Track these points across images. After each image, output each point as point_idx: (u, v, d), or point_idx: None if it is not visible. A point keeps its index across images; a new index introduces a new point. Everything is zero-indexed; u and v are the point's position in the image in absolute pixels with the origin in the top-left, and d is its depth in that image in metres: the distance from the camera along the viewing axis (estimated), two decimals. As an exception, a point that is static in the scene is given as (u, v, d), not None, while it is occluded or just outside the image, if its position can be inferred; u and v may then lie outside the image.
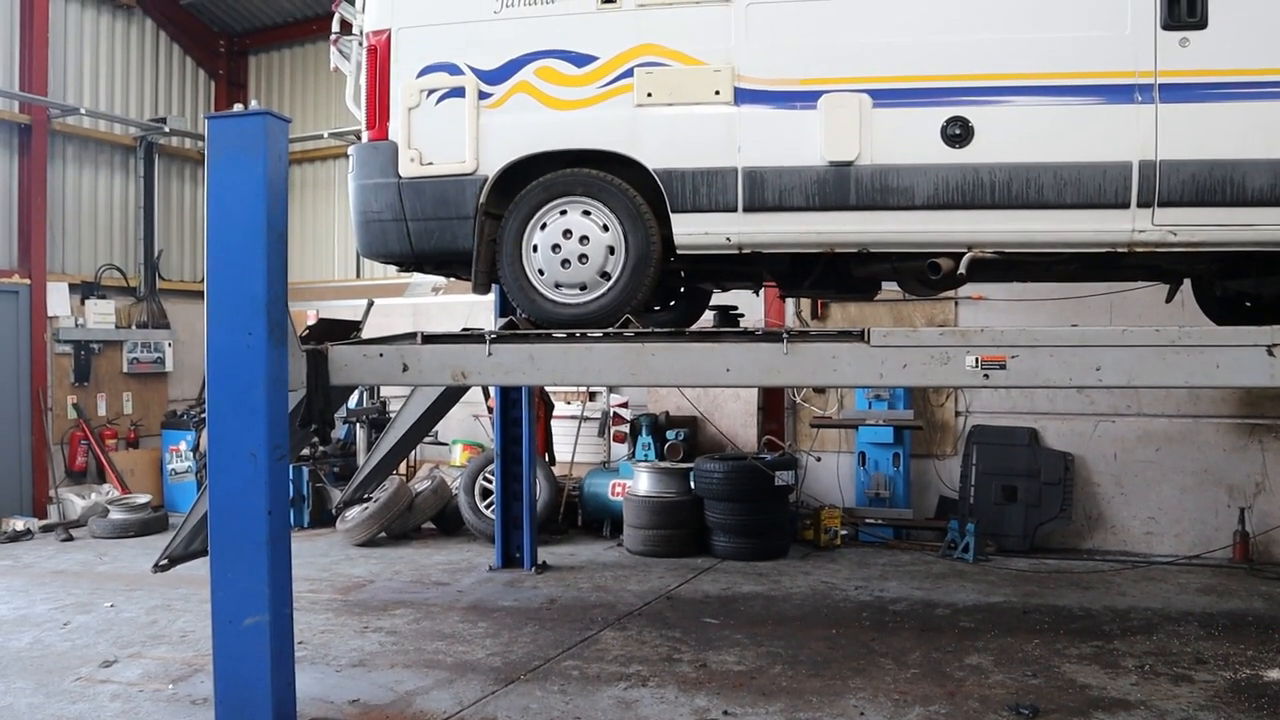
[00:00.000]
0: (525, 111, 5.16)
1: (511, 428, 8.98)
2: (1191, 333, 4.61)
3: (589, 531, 10.61)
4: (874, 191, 4.82)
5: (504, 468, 9.01)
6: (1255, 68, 4.64)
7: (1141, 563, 9.24)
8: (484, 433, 11.41)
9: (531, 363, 5.04)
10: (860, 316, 10.22)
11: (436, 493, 10.70)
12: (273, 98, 14.13)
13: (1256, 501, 9.47)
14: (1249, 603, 7.88)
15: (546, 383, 8.69)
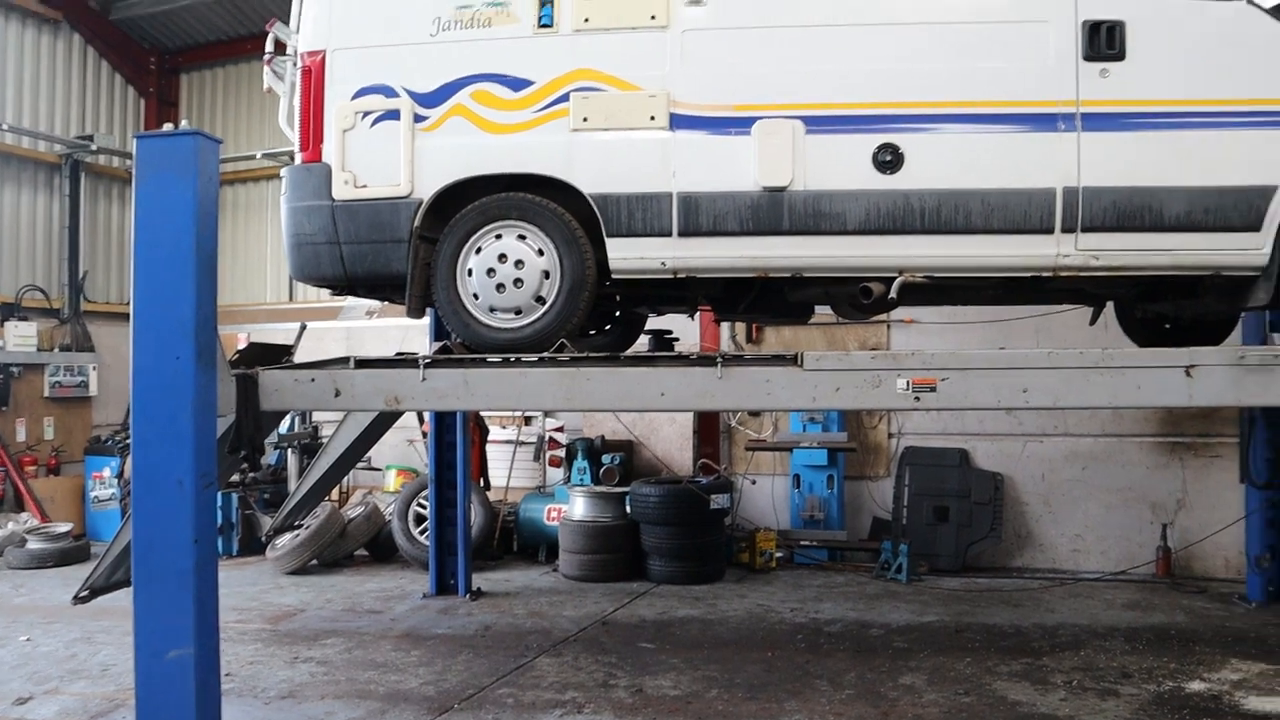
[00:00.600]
0: (461, 135, 5.15)
1: (446, 453, 8.90)
2: (1114, 355, 4.74)
3: (524, 557, 10.54)
4: (807, 217, 4.89)
5: (438, 493, 8.92)
6: (1170, 98, 4.81)
7: (1069, 579, 9.43)
8: (418, 458, 11.29)
9: (466, 387, 5.00)
10: (795, 340, 10.33)
11: (369, 519, 10.56)
12: (204, 117, 13.91)
13: (1178, 518, 9.73)
14: (1171, 617, 8.08)
15: (481, 407, 8.64)
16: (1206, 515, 9.57)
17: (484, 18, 5.17)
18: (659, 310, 6.70)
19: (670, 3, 5.03)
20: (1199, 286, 5.23)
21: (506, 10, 5.16)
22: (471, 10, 5.18)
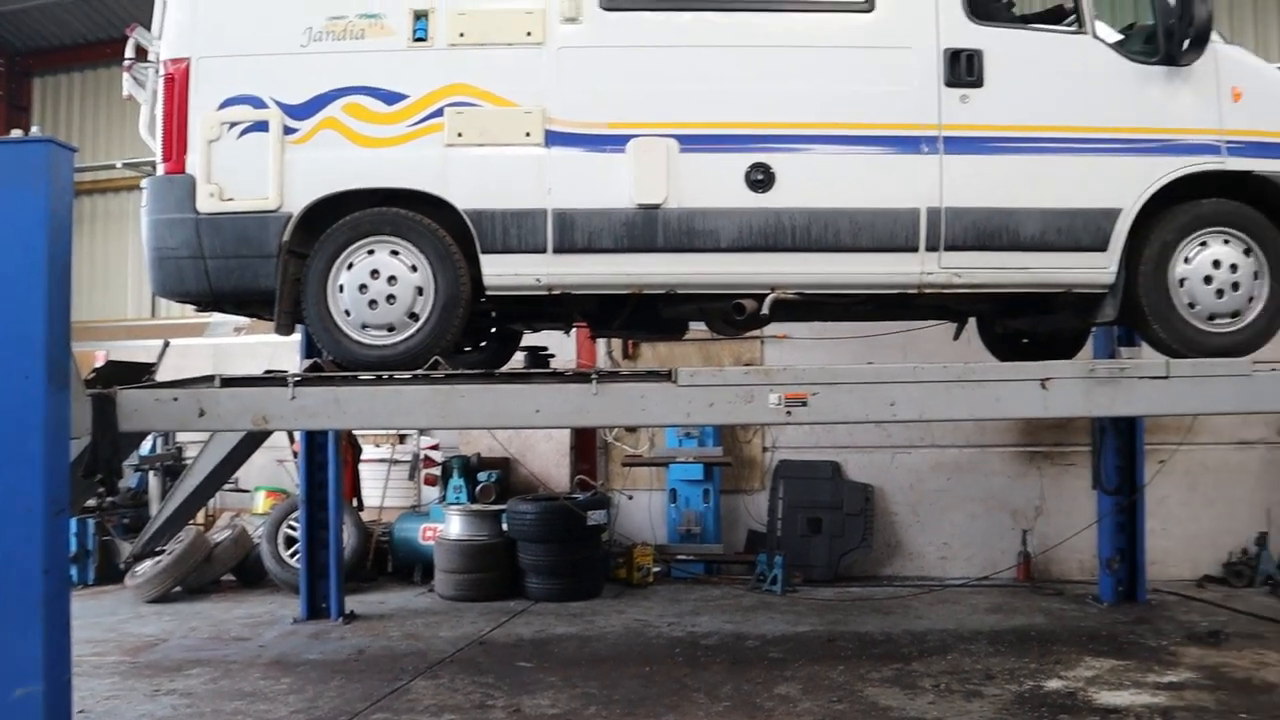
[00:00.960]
0: (332, 148, 5.05)
1: (317, 472, 8.67)
2: (975, 369, 4.95)
3: (399, 578, 10.33)
4: (681, 234, 4.96)
5: (309, 514, 8.68)
6: (1025, 124, 5.07)
7: (937, 586, 9.73)
8: (289, 478, 10.96)
9: (337, 406, 4.89)
10: (670, 356, 10.42)
11: (237, 542, 10.20)
12: (59, 124, 13.29)
13: (1037, 524, 10.16)
14: (1031, 619, 8.42)
15: (353, 426, 8.44)
16: (1063, 521, 10.01)
17: (357, 29, 5.08)
18: (534, 327, 6.68)
19: (547, 20, 5.05)
20: (1053, 303, 5.49)
21: (381, 23, 5.09)
22: (344, 21, 5.08)
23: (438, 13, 5.07)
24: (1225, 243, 5.17)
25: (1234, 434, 10.07)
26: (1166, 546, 9.85)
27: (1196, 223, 5.16)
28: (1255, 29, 10.66)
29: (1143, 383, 4.98)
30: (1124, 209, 5.06)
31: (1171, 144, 5.07)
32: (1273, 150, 5.12)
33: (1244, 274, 5.17)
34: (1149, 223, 5.12)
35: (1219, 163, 5.10)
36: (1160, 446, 9.54)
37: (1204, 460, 10.07)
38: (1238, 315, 5.22)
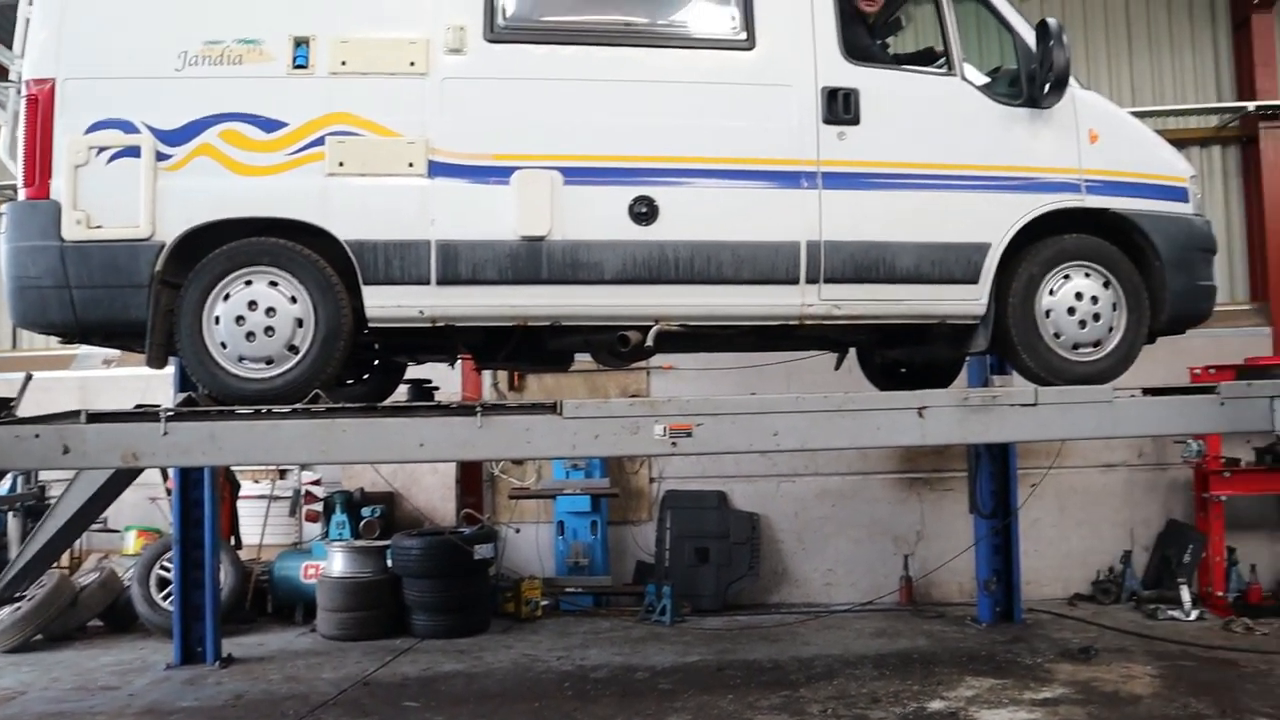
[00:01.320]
0: (208, 176, 4.91)
1: (192, 510, 8.35)
2: (855, 398, 5.07)
3: (280, 618, 9.98)
4: (565, 266, 4.97)
5: (184, 554, 8.35)
6: (900, 161, 5.24)
7: (823, 612, 9.87)
8: (162, 517, 10.54)
9: (212, 442, 4.74)
10: (557, 387, 10.39)
11: (105, 585, 9.72)
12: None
13: (917, 548, 10.42)
14: (914, 641, 8.61)
15: (229, 463, 8.18)
16: (942, 545, 10.29)
17: (235, 55, 4.97)
18: (419, 359, 6.60)
19: (431, 50, 5.02)
20: (929, 334, 5.68)
21: (259, 49, 4.99)
22: (221, 46, 4.97)
23: (319, 40, 5.00)
24: (1086, 276, 5.43)
25: (1099, 457, 10.53)
26: (1040, 567, 10.22)
27: (1060, 257, 5.41)
28: (1110, 77, 11.26)
29: (1013, 410, 5.18)
30: (993, 243, 5.27)
31: (1035, 182, 5.32)
32: (1126, 189, 5.43)
33: (1104, 305, 5.44)
34: (1016, 257, 5.35)
35: (1079, 200, 5.37)
36: (1032, 470, 9.90)
37: (1072, 483, 10.50)
38: (1099, 344, 5.48)
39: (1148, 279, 5.50)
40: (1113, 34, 11.36)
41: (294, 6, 5.02)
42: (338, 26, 5.01)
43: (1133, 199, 5.45)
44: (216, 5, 5.00)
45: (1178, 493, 10.53)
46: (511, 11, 5.14)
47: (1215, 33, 11.34)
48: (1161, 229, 5.47)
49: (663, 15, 5.38)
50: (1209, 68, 11.32)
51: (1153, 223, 5.46)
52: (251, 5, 5.01)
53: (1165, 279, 5.48)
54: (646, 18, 5.33)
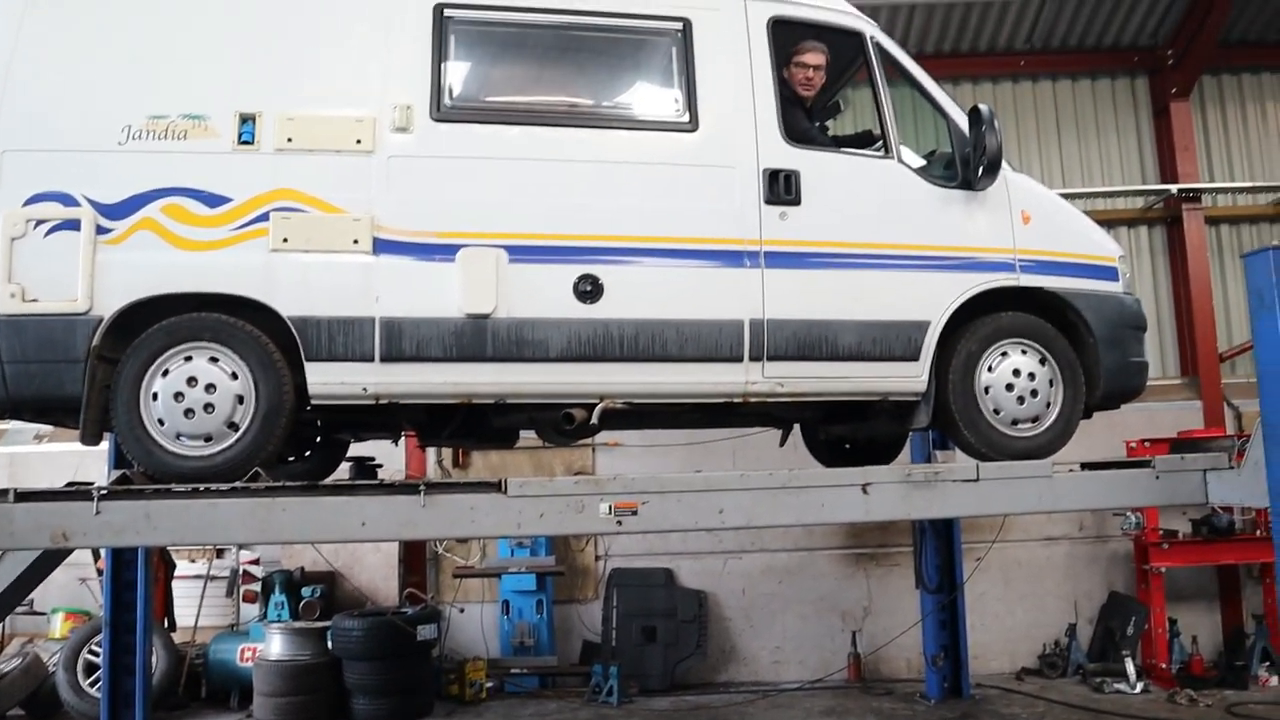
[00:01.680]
0: (149, 250, 4.85)
1: (124, 592, 8.09)
2: (800, 475, 5.08)
3: (215, 704, 9.66)
4: (510, 344, 4.96)
5: (114, 637, 8.06)
6: (840, 241, 5.34)
7: (772, 691, 9.78)
8: (92, 598, 10.21)
9: (147, 521, 4.60)
10: (502, 464, 10.32)
11: (28, 672, 9.33)
12: None
13: (865, 624, 10.41)
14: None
15: (164, 543, 7.97)
16: (889, 620, 10.29)
17: (179, 129, 4.95)
18: (361, 436, 6.52)
19: (377, 128, 5.04)
20: (871, 410, 5.73)
21: (205, 124, 4.98)
22: (166, 121, 4.94)
23: (265, 117, 5.00)
24: (1023, 353, 5.54)
25: (1041, 531, 10.65)
26: (986, 641, 10.25)
27: (997, 334, 5.51)
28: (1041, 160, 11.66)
29: (955, 486, 5.22)
30: (932, 321, 5.36)
31: (971, 261, 5.44)
32: (1058, 268, 5.57)
33: (1041, 382, 5.54)
34: (955, 334, 5.45)
35: (1014, 279, 5.49)
36: (976, 545, 9.99)
37: (1016, 557, 10.59)
38: (1038, 420, 5.56)
39: (1082, 356, 5.62)
40: (1042, 120, 11.80)
41: (241, 83, 5.03)
42: (284, 103, 5.02)
43: (1065, 278, 5.59)
44: (162, 80, 4.99)
45: (1119, 565, 10.66)
46: (458, 92, 5.20)
47: (1138, 119, 11.84)
48: (1094, 307, 5.61)
49: (607, 97, 5.48)
50: (1133, 152, 11.78)
51: (1085, 301, 5.60)
52: (197, 81, 5.01)
53: (1099, 355, 5.60)
54: (591, 99, 5.43)
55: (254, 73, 5.05)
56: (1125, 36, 11.63)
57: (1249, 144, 11.90)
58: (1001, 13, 11.25)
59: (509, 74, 5.50)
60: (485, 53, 5.39)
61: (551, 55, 5.44)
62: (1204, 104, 11.86)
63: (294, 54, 5.10)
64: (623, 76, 5.51)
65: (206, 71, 5.02)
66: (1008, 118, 11.53)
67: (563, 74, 5.48)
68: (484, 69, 5.41)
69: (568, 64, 5.47)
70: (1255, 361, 5.01)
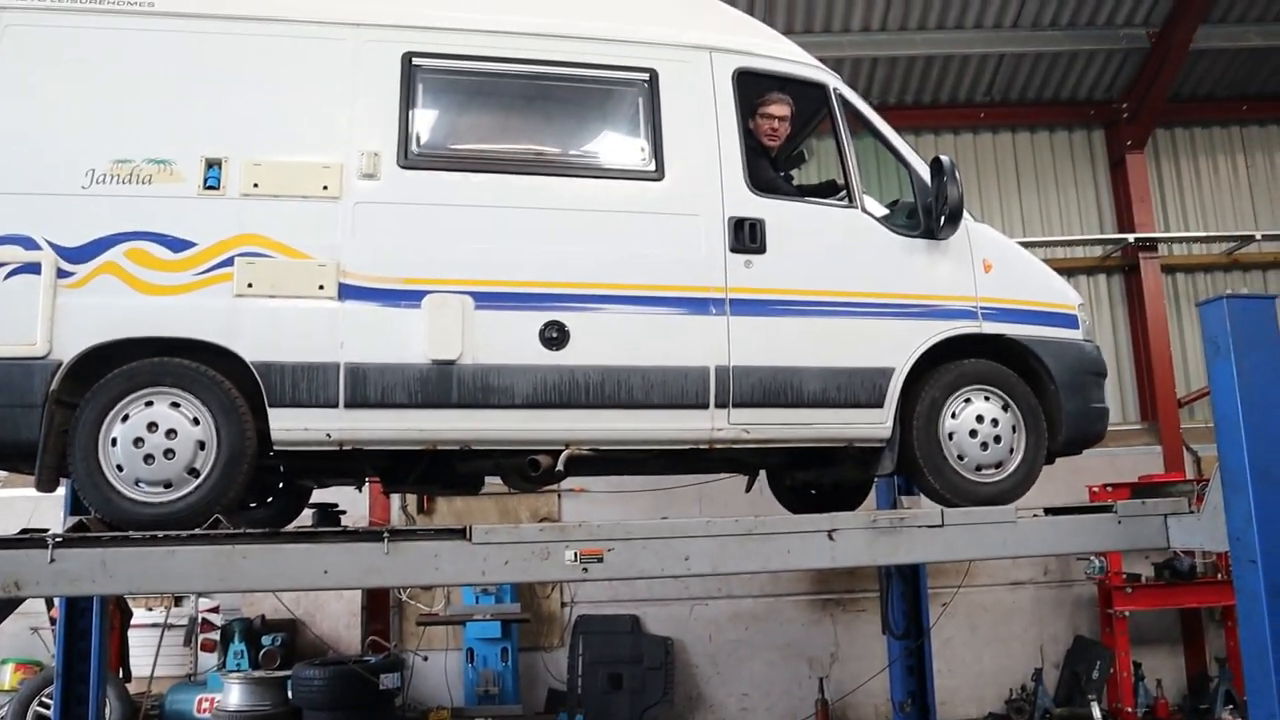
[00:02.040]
0: (111, 294, 4.79)
1: (78, 642, 7.89)
2: (766, 522, 5.07)
3: (170, 756, 9.45)
4: (475, 390, 4.94)
5: (65, 689, 7.84)
6: (805, 289, 5.39)
7: (738, 740, 9.70)
8: (44, 648, 9.97)
9: (104, 569, 4.50)
10: (468, 510, 10.25)
11: (-25, 725, 9.12)
12: None
13: (833, 670, 10.37)
14: (829, 771, 8.49)
15: (121, 591, 7.78)
16: (857, 666, 10.26)
17: (144, 174, 4.93)
18: (325, 482, 6.46)
19: (344, 175, 5.05)
20: (837, 456, 5.75)
21: (170, 169, 4.95)
22: (131, 165, 4.92)
23: (231, 162, 4.99)
24: (986, 399, 5.59)
25: (1007, 575, 10.70)
26: (954, 686, 10.25)
27: (960, 381, 5.56)
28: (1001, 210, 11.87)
29: (921, 531, 5.23)
30: (896, 368, 5.40)
31: (934, 309, 5.50)
32: (1019, 315, 5.64)
33: (1004, 428, 5.59)
34: (919, 381, 5.49)
35: (976, 326, 5.56)
36: (943, 590, 9.98)
37: (982, 602, 10.62)
38: (1001, 466, 5.60)
39: (1044, 402, 5.68)
40: (1002, 171, 12.04)
41: (207, 128, 5.02)
42: (251, 148, 5.02)
43: (1026, 325, 5.66)
44: (127, 124, 4.97)
45: (1084, 609, 10.72)
46: (425, 139, 5.22)
47: (1095, 170, 12.11)
48: (1055, 354, 5.68)
49: (574, 146, 5.53)
50: (1091, 202, 12.03)
51: (1046, 348, 5.67)
52: (163, 125, 5.00)
53: (1060, 402, 5.66)
54: (558, 148, 5.47)
55: (220, 118, 5.04)
56: (1081, 91, 11.92)
57: (1202, 195, 12.20)
58: (961, 66, 11.50)
59: (477, 122, 5.54)
60: (453, 101, 5.43)
61: (519, 104, 5.49)
62: (1158, 156, 12.16)
63: (261, 99, 5.10)
64: (590, 125, 5.56)
65: (172, 116, 5.01)
66: (968, 168, 11.75)
67: (530, 122, 5.52)
68: (452, 117, 5.44)
69: (535, 112, 5.52)
70: (1212, 407, 5.08)
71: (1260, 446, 4.76)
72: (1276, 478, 4.75)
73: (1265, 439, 4.78)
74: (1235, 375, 4.82)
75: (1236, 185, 12.24)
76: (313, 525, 5.88)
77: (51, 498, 7.62)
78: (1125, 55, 11.43)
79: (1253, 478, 4.72)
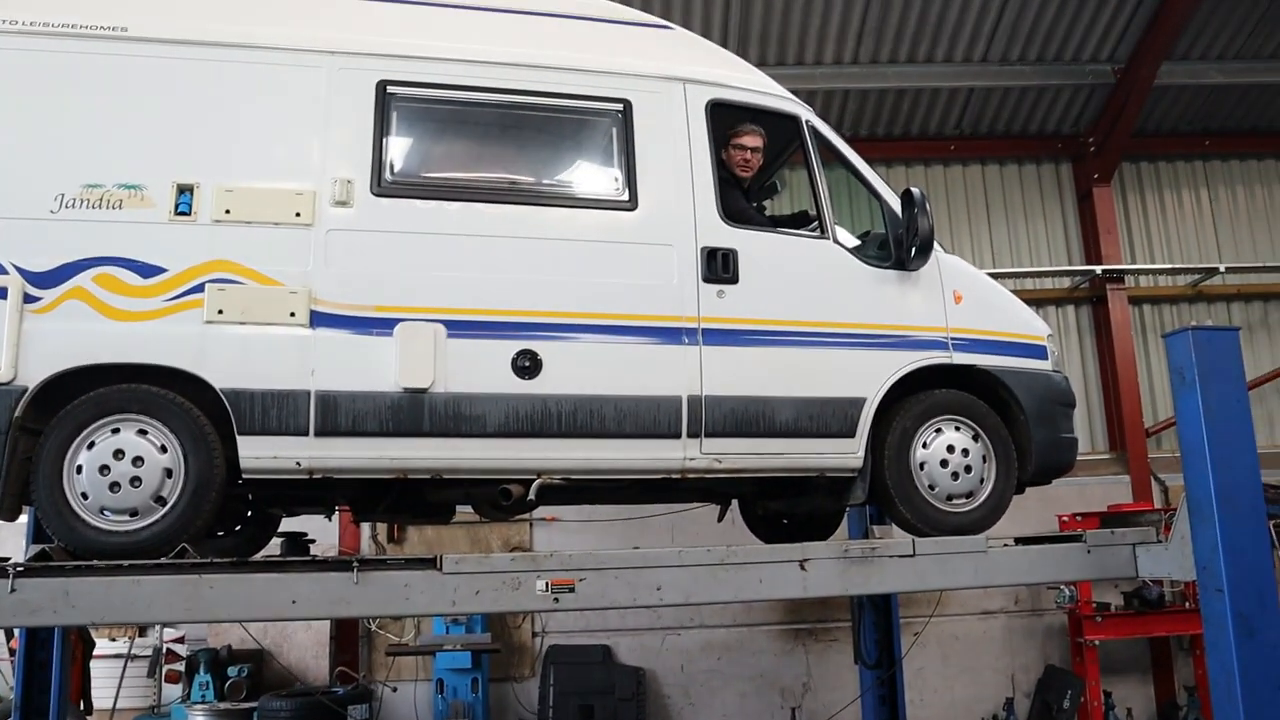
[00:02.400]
0: (79, 319, 4.74)
1: (38, 672, 7.74)
2: (738, 551, 5.07)
3: (131, 790, 9.28)
4: (447, 419, 4.92)
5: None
6: (777, 319, 5.41)
7: (710, 771, 9.64)
8: (2, 680, 9.77)
9: (66, 599, 4.43)
10: (438, 539, 10.17)
11: (-70, 759, 8.90)
12: None
13: (805, 701, 10.33)
14: (801, 803, 8.45)
15: (84, 622, 7.55)
16: (829, 696, 10.24)
17: (115, 199, 4.88)
18: (294, 511, 6.39)
19: (317, 202, 5.03)
20: (809, 486, 5.76)
21: (141, 194, 4.92)
22: (101, 190, 4.87)
23: (203, 188, 4.96)
24: (957, 429, 5.62)
25: (978, 605, 10.73)
26: (926, 716, 10.24)
27: (932, 411, 5.59)
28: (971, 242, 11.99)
29: (892, 561, 5.25)
30: (868, 398, 5.43)
31: (905, 340, 5.54)
32: (989, 346, 5.69)
33: (974, 458, 5.62)
34: (890, 411, 5.52)
35: (947, 357, 5.60)
36: (914, 619, 10.00)
37: (954, 631, 10.64)
38: (972, 495, 5.63)
39: (1014, 432, 5.72)
40: (972, 202, 12.17)
41: (179, 154, 5.00)
42: (223, 175, 5.00)
43: (996, 356, 5.71)
44: (98, 149, 4.93)
45: (1054, 638, 10.76)
46: (399, 167, 5.22)
47: (1063, 203, 12.28)
48: (1024, 384, 5.73)
49: (548, 175, 5.53)
50: (1059, 234, 12.19)
51: (1016, 378, 5.72)
52: (135, 151, 4.96)
53: (1030, 432, 5.70)
54: (532, 177, 5.48)
55: (193, 144, 5.02)
56: (1049, 125, 12.10)
57: (1167, 228, 12.39)
58: (932, 99, 11.65)
59: (451, 150, 5.55)
60: (427, 129, 5.43)
61: (494, 132, 5.50)
62: (1124, 189, 12.35)
63: (234, 126, 5.09)
64: (564, 155, 5.58)
65: (144, 141, 4.98)
66: (939, 200, 11.88)
67: (505, 151, 5.53)
68: (426, 145, 5.45)
69: (510, 141, 5.53)
70: (1179, 437, 5.14)
71: (1226, 476, 4.83)
72: (1242, 507, 4.81)
73: (1230, 469, 4.85)
74: (1201, 405, 4.89)
75: (1200, 218, 12.44)
76: (281, 554, 5.81)
77: (13, 526, 7.52)
78: (1092, 90, 11.62)
79: (1219, 507, 4.78)
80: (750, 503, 6.77)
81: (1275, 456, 11.15)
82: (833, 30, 10.82)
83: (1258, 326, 12.15)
